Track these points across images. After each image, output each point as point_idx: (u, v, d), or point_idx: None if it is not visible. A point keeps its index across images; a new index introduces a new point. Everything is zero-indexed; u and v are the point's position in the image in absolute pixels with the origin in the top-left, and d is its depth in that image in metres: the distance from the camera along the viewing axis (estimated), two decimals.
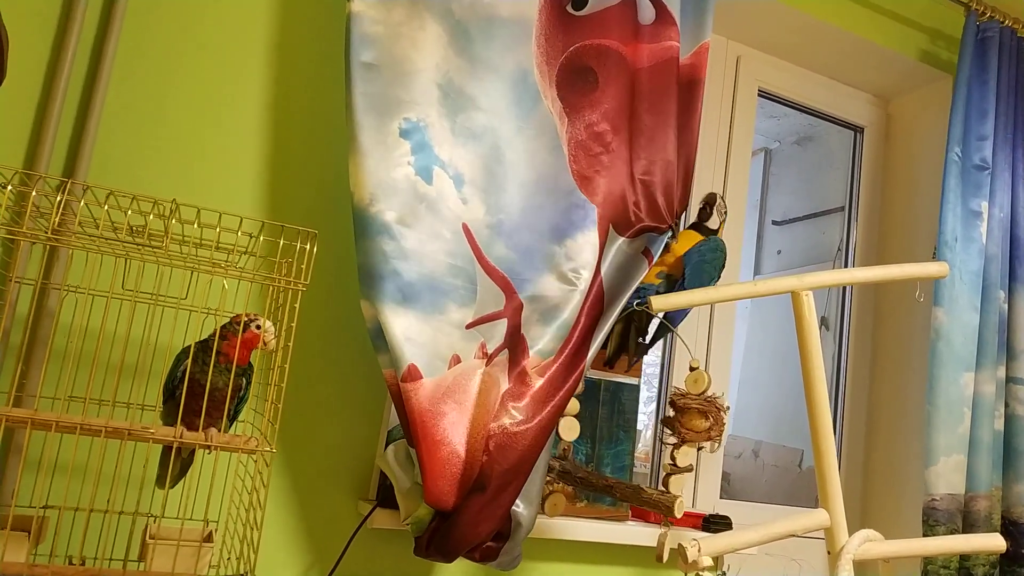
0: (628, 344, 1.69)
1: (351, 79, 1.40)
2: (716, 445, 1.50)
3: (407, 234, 1.39)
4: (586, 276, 1.51)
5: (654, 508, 1.50)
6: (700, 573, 1.30)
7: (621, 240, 1.57)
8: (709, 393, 1.50)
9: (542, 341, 1.47)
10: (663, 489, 1.50)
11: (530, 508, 1.47)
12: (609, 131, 1.56)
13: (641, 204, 1.59)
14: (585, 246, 1.51)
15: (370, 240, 1.38)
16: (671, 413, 1.53)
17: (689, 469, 1.49)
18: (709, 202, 1.73)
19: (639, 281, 1.57)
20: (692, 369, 1.52)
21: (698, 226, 1.73)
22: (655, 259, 1.59)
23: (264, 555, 1.43)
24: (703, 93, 1.70)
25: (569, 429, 1.57)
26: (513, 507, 1.45)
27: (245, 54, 1.53)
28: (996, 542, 1.48)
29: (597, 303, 1.54)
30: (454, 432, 1.39)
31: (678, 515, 1.47)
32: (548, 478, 1.60)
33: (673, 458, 1.50)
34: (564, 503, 1.60)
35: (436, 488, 1.36)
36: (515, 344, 1.46)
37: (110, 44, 1.41)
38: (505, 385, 1.45)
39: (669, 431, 1.51)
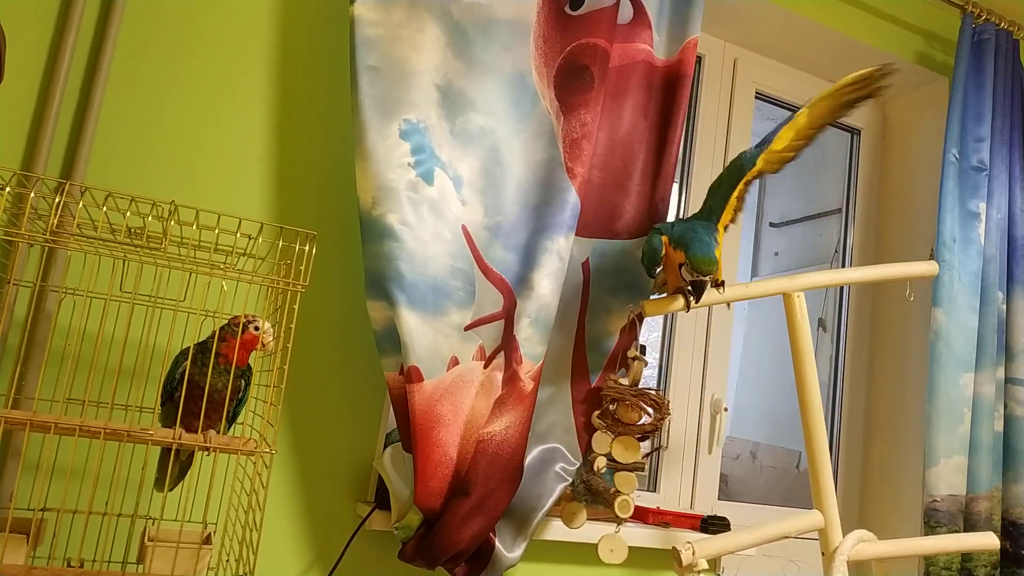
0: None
1: (356, 82, 1.41)
2: (658, 442, 1.43)
3: (409, 236, 1.39)
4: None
5: (604, 504, 1.45)
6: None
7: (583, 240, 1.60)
8: (646, 386, 1.44)
9: (532, 344, 1.47)
10: (616, 489, 1.45)
11: (515, 545, 1.46)
12: (594, 131, 1.57)
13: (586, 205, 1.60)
14: (569, 241, 1.52)
15: (374, 243, 1.38)
16: (607, 405, 1.47)
17: (633, 468, 1.42)
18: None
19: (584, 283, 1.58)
20: (632, 360, 1.47)
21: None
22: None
23: (263, 556, 1.42)
24: (688, 91, 1.68)
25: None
26: (498, 542, 1.44)
27: (245, 54, 1.53)
28: (989, 540, 1.48)
29: (574, 307, 1.55)
30: (449, 435, 1.39)
31: (620, 514, 1.41)
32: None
33: (610, 453, 1.44)
34: (584, 512, 1.53)
35: (426, 490, 1.36)
36: (508, 346, 1.46)
37: (108, 44, 1.40)
38: (498, 390, 1.45)
39: (603, 424, 1.45)
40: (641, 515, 1.81)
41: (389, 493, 1.45)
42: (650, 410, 1.41)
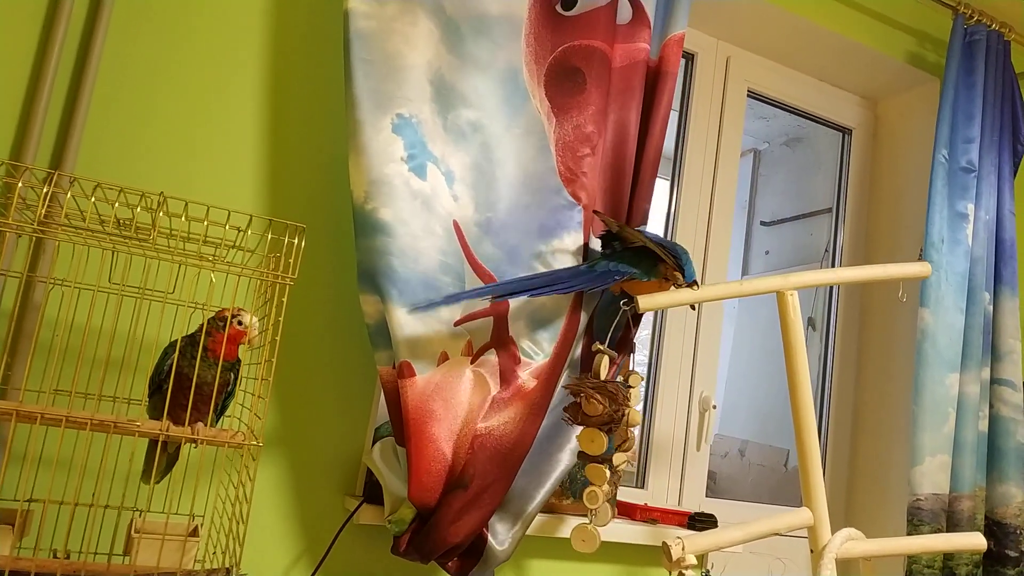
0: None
1: (351, 76, 1.40)
2: (623, 429, 1.41)
3: (402, 231, 1.39)
4: None
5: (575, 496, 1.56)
6: (684, 571, 1.30)
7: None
8: (609, 378, 1.41)
9: (533, 343, 1.47)
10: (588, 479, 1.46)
11: (508, 540, 1.47)
12: (595, 133, 1.56)
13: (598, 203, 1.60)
14: (571, 246, 1.52)
15: (367, 238, 1.38)
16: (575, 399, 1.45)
17: (602, 460, 1.41)
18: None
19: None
20: (594, 353, 1.45)
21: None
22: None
23: (250, 549, 1.42)
24: (671, 88, 1.66)
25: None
26: (490, 536, 1.44)
27: (238, 45, 1.53)
28: (977, 541, 1.49)
29: (579, 303, 1.54)
30: (441, 430, 1.39)
31: (588, 504, 1.40)
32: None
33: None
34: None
35: (420, 485, 1.37)
36: (502, 344, 1.46)
37: (99, 33, 1.40)
38: (494, 387, 1.45)
39: (569, 417, 1.43)
40: (629, 511, 1.82)
41: (380, 487, 1.45)
42: (607, 401, 1.40)
